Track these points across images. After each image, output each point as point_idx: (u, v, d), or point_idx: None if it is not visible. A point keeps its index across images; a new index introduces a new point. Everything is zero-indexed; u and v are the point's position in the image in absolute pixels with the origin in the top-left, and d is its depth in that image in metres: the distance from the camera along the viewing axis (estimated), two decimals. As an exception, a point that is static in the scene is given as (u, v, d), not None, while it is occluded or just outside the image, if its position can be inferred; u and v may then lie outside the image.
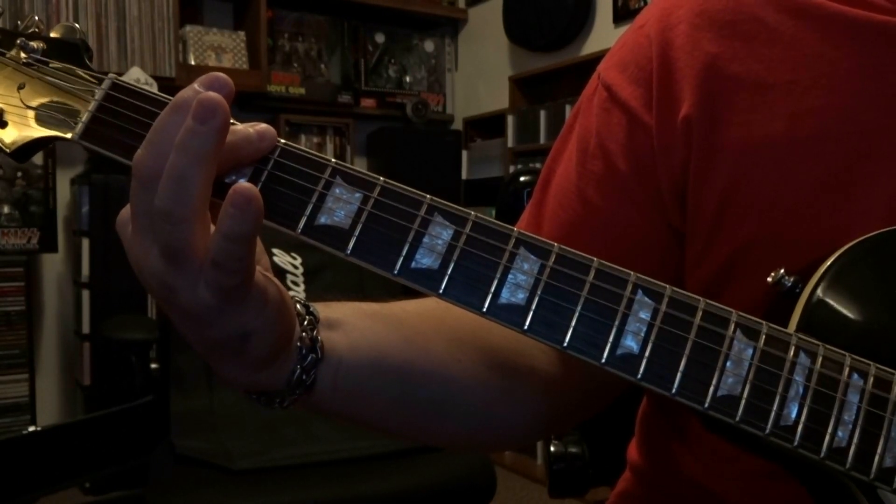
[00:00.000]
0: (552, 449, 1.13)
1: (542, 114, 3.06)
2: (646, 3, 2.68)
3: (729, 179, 0.58)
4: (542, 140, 3.04)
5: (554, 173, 0.68)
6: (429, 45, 3.66)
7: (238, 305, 0.43)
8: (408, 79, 3.60)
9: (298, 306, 0.50)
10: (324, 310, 0.52)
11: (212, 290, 0.42)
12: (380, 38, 3.54)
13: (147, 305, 2.58)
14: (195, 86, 0.43)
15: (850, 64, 0.56)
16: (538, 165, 0.70)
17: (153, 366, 1.95)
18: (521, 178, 1.23)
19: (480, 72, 3.55)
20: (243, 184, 0.40)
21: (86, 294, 2.58)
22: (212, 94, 0.41)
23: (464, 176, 3.45)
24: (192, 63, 2.98)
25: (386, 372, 0.53)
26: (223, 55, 3.05)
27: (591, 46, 2.95)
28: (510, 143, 3.20)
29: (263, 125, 0.46)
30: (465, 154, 3.47)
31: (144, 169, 0.42)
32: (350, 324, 0.53)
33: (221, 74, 0.43)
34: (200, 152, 0.40)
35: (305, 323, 0.49)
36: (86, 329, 2.58)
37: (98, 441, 1.99)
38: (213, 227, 0.42)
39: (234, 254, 0.41)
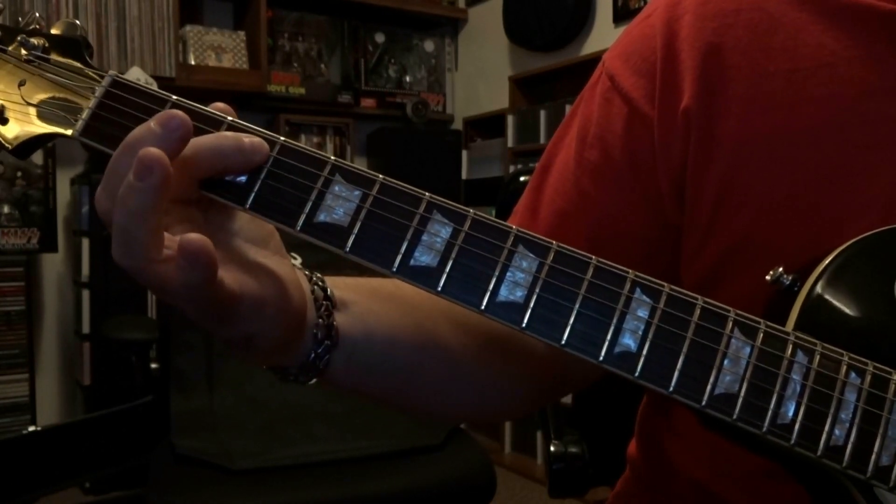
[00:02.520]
0: (552, 449, 1.13)
1: (542, 114, 3.05)
2: (646, 3, 2.68)
3: (727, 170, 0.58)
4: (542, 140, 3.03)
5: (554, 159, 0.68)
6: (429, 45, 3.66)
7: (229, 320, 0.44)
8: (408, 79, 3.60)
9: (316, 289, 0.51)
10: (340, 290, 0.52)
11: (198, 314, 0.43)
12: (380, 38, 3.53)
13: (147, 305, 2.58)
14: (151, 123, 0.42)
15: (853, 54, 0.56)
16: (535, 168, 0.70)
17: (153, 366, 1.95)
18: (522, 178, 1.23)
19: (480, 72, 3.55)
20: (192, 235, 0.40)
21: (86, 294, 2.57)
22: (152, 150, 0.40)
23: (464, 176, 3.45)
24: (192, 63, 2.97)
25: (397, 356, 0.55)
26: (223, 55, 3.05)
27: (591, 46, 2.95)
28: (510, 143, 3.20)
29: (259, 139, 0.45)
30: (465, 154, 3.47)
31: (101, 210, 0.43)
32: (365, 307, 0.54)
33: (178, 113, 0.42)
34: (139, 209, 0.40)
35: (322, 309, 0.50)
36: (86, 329, 2.58)
37: (98, 441, 1.99)
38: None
39: (199, 295, 0.41)
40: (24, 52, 0.49)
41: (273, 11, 3.21)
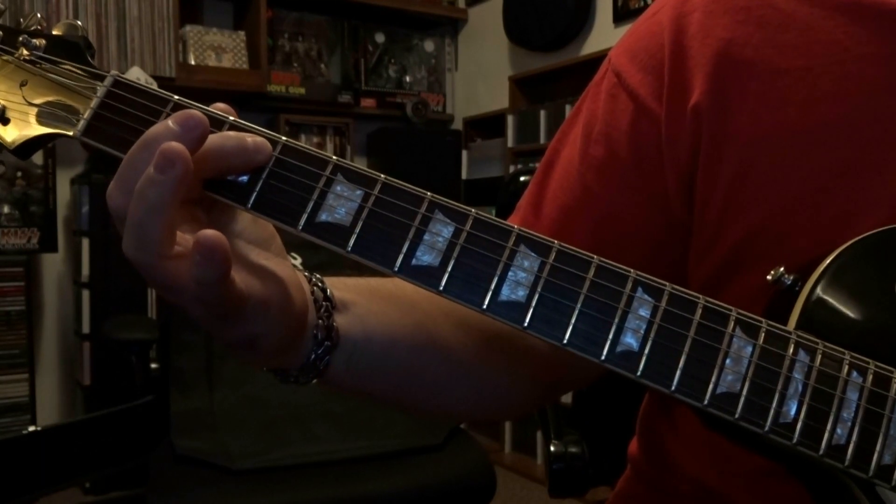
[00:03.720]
0: (552, 449, 1.13)
1: (542, 114, 3.05)
2: (646, 4, 2.69)
3: (739, 167, 0.58)
4: (542, 140, 3.03)
5: (559, 155, 0.68)
6: (429, 45, 3.66)
7: (234, 321, 0.44)
8: (408, 79, 3.60)
9: (316, 290, 0.51)
10: (340, 291, 0.53)
11: (205, 313, 0.43)
12: (380, 38, 3.53)
13: (147, 305, 2.58)
14: (169, 122, 0.42)
15: (865, 50, 0.56)
16: (538, 165, 0.70)
17: (153, 366, 1.95)
18: (522, 178, 1.23)
19: (480, 72, 3.54)
20: (208, 231, 0.40)
21: (86, 294, 2.57)
22: (174, 144, 0.40)
23: (464, 176, 3.45)
24: (192, 63, 2.97)
25: (397, 356, 0.55)
26: (223, 55, 3.05)
27: (591, 46, 2.95)
28: (510, 143, 3.20)
29: (262, 139, 0.46)
30: (465, 154, 3.47)
31: (114, 205, 0.43)
32: (365, 308, 0.54)
33: (196, 113, 0.43)
34: (157, 202, 0.40)
35: (322, 310, 0.50)
36: (86, 329, 2.58)
37: (98, 441, 1.99)
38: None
39: (210, 293, 0.41)
40: (25, 52, 0.49)
41: (273, 11, 3.21)
